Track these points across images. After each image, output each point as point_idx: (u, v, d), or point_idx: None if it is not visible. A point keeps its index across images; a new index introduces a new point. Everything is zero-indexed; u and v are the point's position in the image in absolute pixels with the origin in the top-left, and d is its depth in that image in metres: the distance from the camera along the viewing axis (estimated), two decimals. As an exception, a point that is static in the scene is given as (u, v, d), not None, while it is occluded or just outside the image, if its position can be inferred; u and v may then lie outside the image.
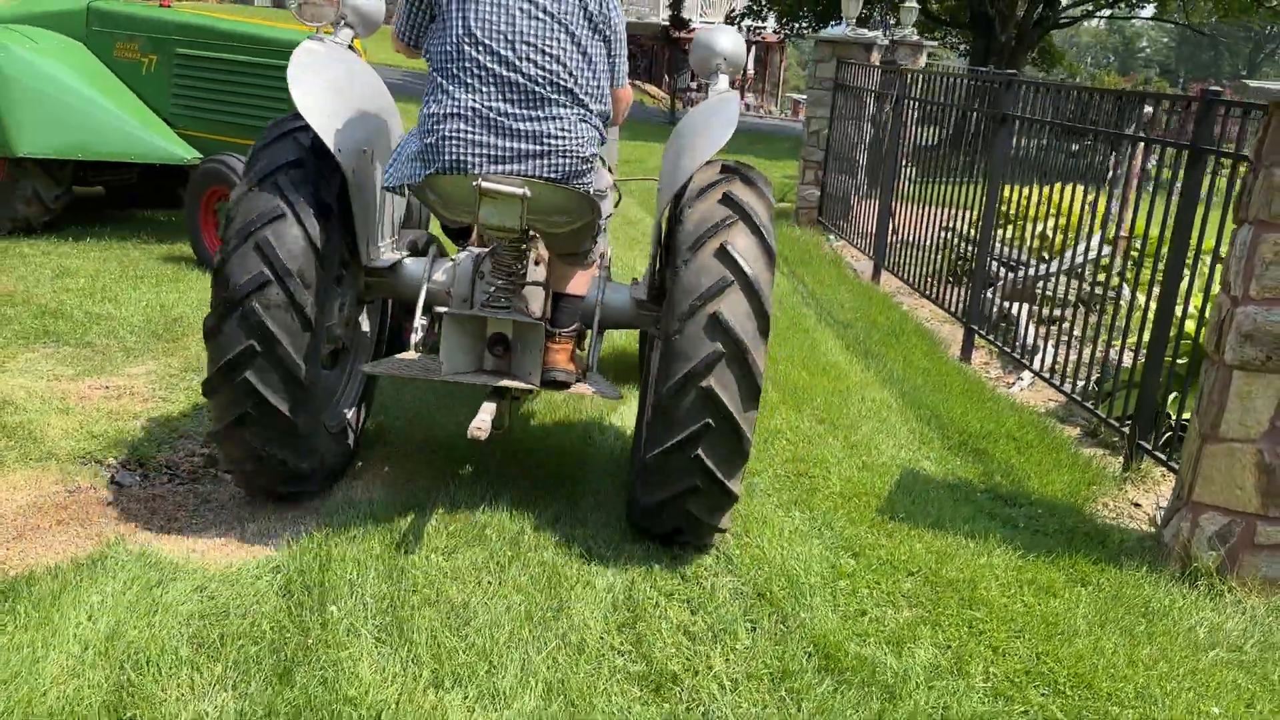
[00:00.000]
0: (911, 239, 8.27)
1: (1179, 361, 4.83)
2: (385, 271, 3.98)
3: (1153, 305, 4.92)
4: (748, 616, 3.34)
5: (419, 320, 3.88)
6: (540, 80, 3.28)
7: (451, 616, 3.14)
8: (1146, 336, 4.88)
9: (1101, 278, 6.15)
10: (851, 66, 10.33)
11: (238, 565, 3.34)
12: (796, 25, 23.94)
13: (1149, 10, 25.11)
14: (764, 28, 24.78)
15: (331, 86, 3.65)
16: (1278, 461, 3.61)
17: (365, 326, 4.30)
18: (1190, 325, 4.90)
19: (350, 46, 4.07)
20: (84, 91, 7.46)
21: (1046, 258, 7.23)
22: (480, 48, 3.25)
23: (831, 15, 22.21)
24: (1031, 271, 7.31)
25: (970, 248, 7.40)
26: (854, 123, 10.22)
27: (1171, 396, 4.88)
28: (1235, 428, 3.65)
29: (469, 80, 3.26)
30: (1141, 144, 5.24)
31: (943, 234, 7.84)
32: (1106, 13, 25.88)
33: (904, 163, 8.75)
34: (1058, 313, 6.67)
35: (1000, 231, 7.67)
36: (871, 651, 3.19)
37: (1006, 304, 7.26)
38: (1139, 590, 3.71)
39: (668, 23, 24.93)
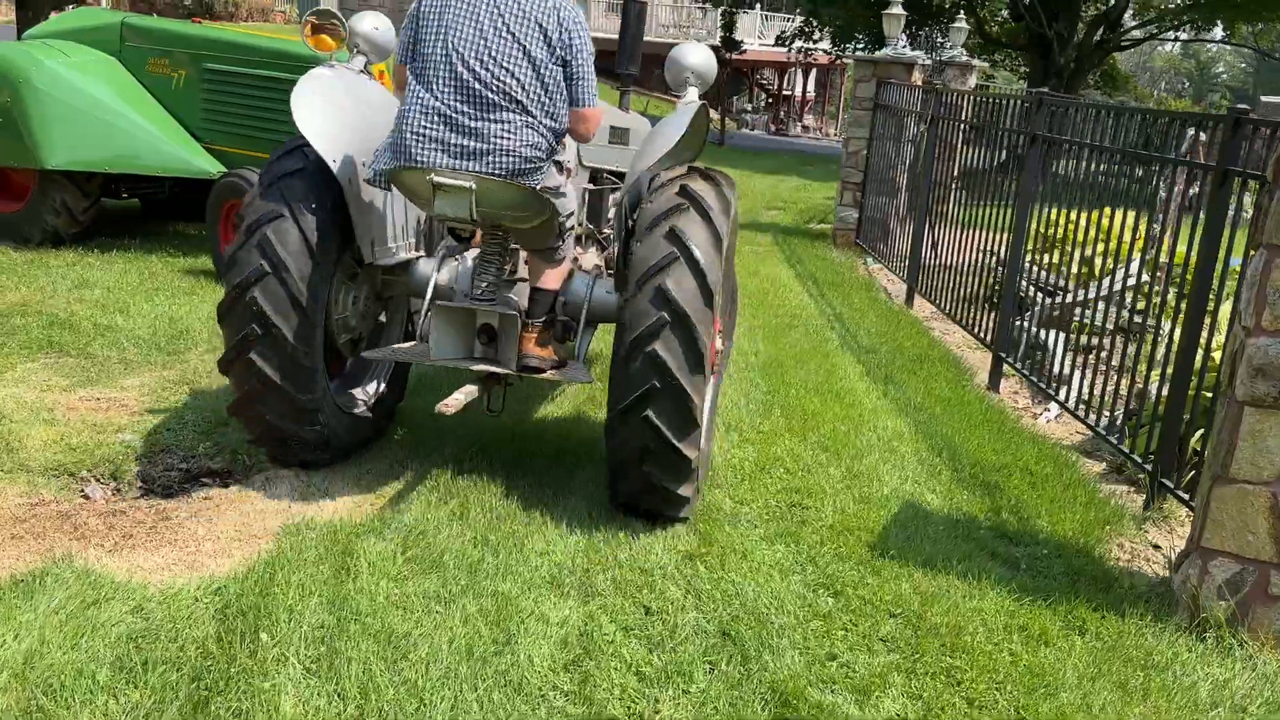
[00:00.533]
0: (944, 262, 8.01)
1: (1205, 394, 4.54)
2: (398, 270, 4.40)
3: (1178, 333, 4.64)
4: (707, 657, 3.15)
5: (424, 313, 4.26)
6: (494, 88, 3.65)
7: (389, 649, 2.99)
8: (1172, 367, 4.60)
9: (1138, 305, 5.85)
10: (890, 86, 10.10)
11: (179, 585, 3.24)
12: (851, 47, 23.66)
13: (1217, 34, 24.34)
14: (816, 49, 24.49)
15: (334, 106, 4.00)
16: (1294, 506, 3.34)
17: (389, 319, 4.76)
18: (1217, 355, 4.61)
19: (366, 71, 4.37)
20: (113, 105, 7.53)
21: (1088, 283, 6.93)
22: (454, 55, 3.65)
23: (886, 41, 21.92)
24: (1066, 298, 7.02)
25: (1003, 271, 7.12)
26: (893, 143, 9.99)
27: (1198, 432, 4.59)
28: (1247, 468, 3.37)
29: (434, 81, 3.67)
30: (1173, 166, 4.95)
31: (981, 257, 7.55)
32: (1171, 35, 25.20)
33: (951, 184, 8.46)
34: (1090, 341, 6.37)
35: (1043, 256, 7.39)
36: (833, 699, 2.97)
37: (1040, 331, 6.97)
38: (1140, 641, 3.44)
39: (719, 44, 24.87)
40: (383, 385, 4.62)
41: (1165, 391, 4.64)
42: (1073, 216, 6.28)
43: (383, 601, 3.23)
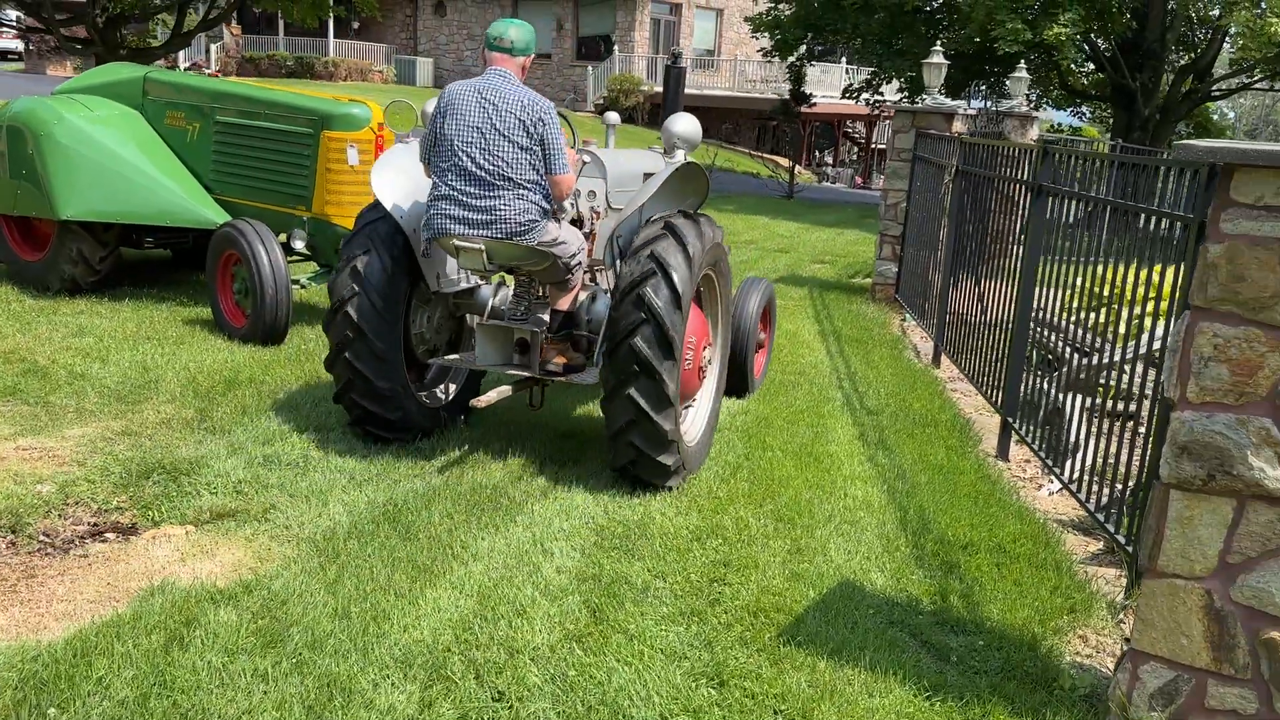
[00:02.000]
0: (969, 320, 7.55)
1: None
2: (465, 295, 5.54)
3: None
4: (540, 754, 2.84)
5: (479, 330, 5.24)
6: (491, 173, 4.76)
7: (185, 730, 2.78)
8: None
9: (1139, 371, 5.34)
10: (928, 137, 9.72)
11: (0, 649, 3.08)
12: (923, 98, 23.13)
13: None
14: (885, 101, 24.02)
15: (404, 175, 5.15)
16: (1231, 608, 2.88)
17: (464, 335, 5.83)
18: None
19: None
20: (128, 158, 7.66)
21: (1112, 344, 6.41)
22: (459, 154, 4.76)
23: (960, 91, 21.38)
24: (1095, 359, 6.50)
25: (1047, 332, 6.66)
26: (932, 195, 9.58)
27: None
28: (1176, 560, 2.94)
29: (448, 173, 4.80)
30: (1151, 217, 4.52)
31: (1000, 314, 7.08)
32: (1267, 86, 23.98)
33: (976, 236, 8.02)
34: (1108, 407, 5.85)
35: (1089, 315, 6.89)
36: (661, 812, 2.64)
37: (1060, 395, 6.47)
38: (1054, 756, 3.01)
39: (790, 97, 24.59)
40: (454, 387, 5.68)
41: (1146, 464, 4.18)
42: (1096, 272, 5.82)
43: (204, 677, 3.01)
